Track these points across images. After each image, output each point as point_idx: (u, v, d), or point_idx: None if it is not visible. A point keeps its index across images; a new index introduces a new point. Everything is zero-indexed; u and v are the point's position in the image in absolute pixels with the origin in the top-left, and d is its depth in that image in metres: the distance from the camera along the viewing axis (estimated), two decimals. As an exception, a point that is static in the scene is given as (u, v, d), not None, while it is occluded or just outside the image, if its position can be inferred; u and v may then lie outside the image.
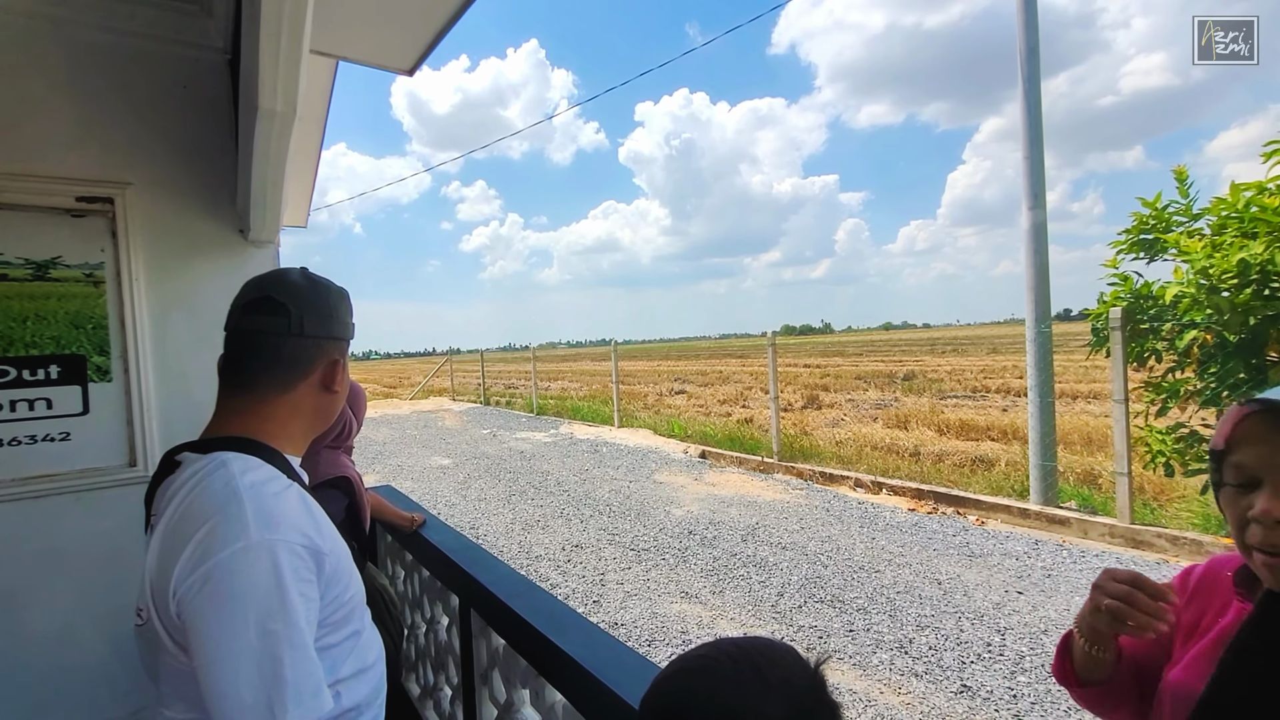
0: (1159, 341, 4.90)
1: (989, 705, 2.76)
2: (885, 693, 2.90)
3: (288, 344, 0.87)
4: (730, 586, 4.18)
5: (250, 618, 0.67)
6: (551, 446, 9.98)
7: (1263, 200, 4.29)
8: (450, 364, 22.09)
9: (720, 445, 8.78)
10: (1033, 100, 6.00)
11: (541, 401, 15.11)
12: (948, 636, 3.38)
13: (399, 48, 2.55)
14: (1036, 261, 6.02)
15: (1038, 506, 5.44)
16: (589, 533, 5.45)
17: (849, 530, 5.23)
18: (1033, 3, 5.98)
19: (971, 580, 4.13)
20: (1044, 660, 3.10)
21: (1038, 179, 6.01)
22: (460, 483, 7.64)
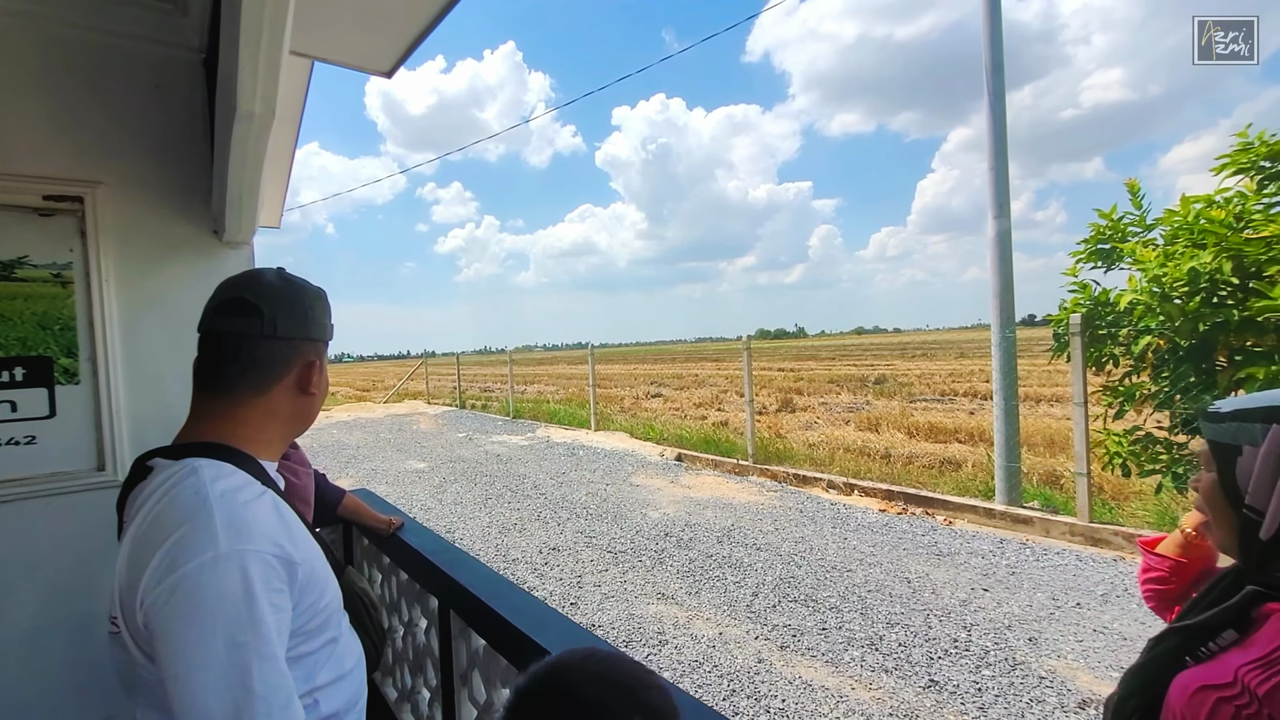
0: (1116, 347, 5.11)
1: (955, 699, 2.85)
2: (857, 689, 2.97)
3: (261, 346, 0.85)
4: (706, 587, 4.23)
5: (218, 629, 0.66)
6: (528, 450, 9.95)
7: (1211, 213, 4.51)
8: (425, 367, 21.80)
9: (696, 448, 8.85)
10: (998, 113, 6.20)
11: (518, 405, 15.04)
12: (916, 633, 3.48)
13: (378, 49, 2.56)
14: (1001, 269, 6.21)
15: (1002, 507, 5.61)
16: (566, 535, 5.46)
17: (822, 531, 5.32)
18: (998, 19, 6.19)
19: (939, 578, 4.24)
20: (1009, 656, 3.21)
21: (1003, 189, 6.20)
22: (436, 486, 7.57)
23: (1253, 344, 4.31)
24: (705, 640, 3.49)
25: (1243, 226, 4.33)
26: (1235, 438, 0.81)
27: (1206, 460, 0.88)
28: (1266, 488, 0.78)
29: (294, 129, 3.35)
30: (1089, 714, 2.71)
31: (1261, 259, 4.12)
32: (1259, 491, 0.78)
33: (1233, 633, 0.79)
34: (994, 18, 6.17)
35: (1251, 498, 0.79)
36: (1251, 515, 0.79)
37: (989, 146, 6.27)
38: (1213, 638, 0.80)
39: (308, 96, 3.09)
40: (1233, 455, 0.82)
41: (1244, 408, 0.82)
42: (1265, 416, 0.79)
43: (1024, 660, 3.15)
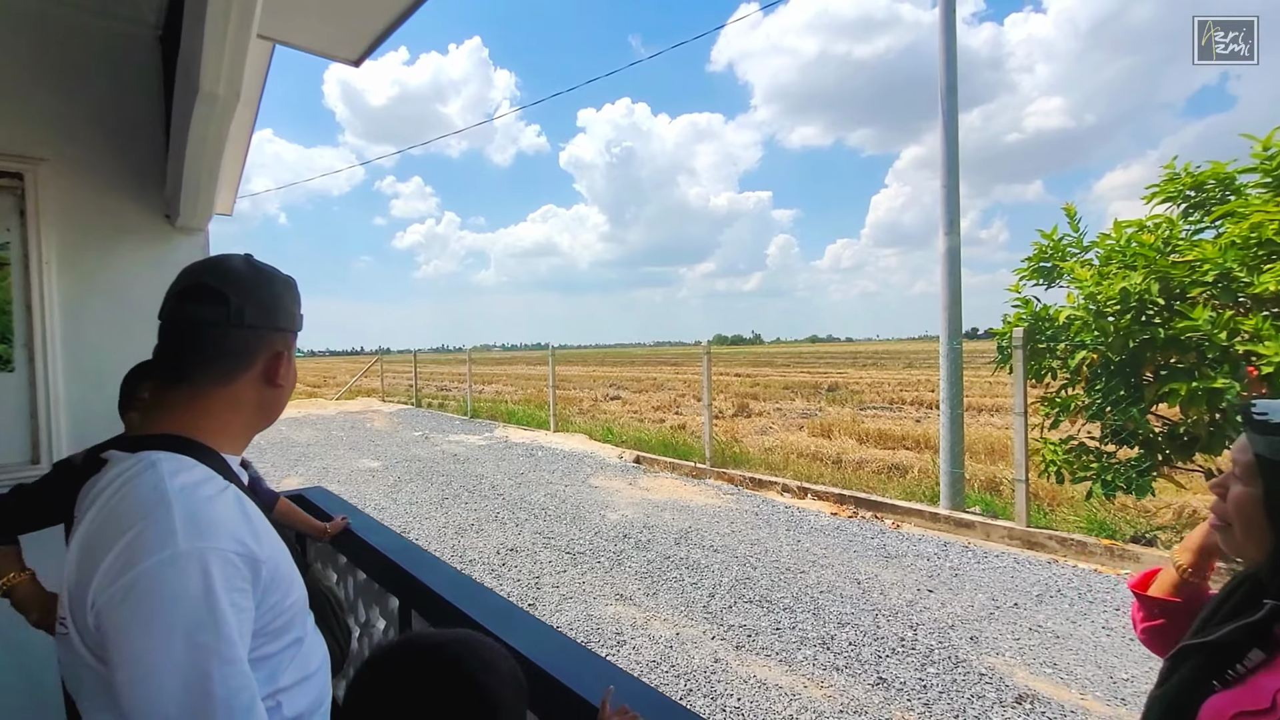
0: (1054, 360, 5.39)
1: (902, 695, 2.96)
2: (809, 687, 3.05)
3: (227, 335, 0.82)
4: (664, 588, 4.26)
5: (176, 631, 0.63)
6: (486, 450, 9.82)
7: (1141, 237, 4.81)
8: (381, 364, 21.22)
9: (654, 451, 8.90)
10: (951, 134, 6.47)
11: (476, 404, 14.81)
12: (866, 632, 3.59)
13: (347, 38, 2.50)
14: (950, 283, 6.47)
15: (947, 511, 5.84)
16: (524, 536, 5.42)
17: (776, 534, 5.44)
18: (953, 44, 6.46)
19: (888, 580, 4.39)
20: (951, 653, 3.35)
21: (953, 207, 6.47)
22: (390, 486, 7.40)
23: (1176, 361, 4.62)
24: (663, 640, 3.53)
25: (1169, 251, 4.64)
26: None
27: (1245, 474, 0.81)
28: None
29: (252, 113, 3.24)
30: (1025, 708, 2.85)
31: (1185, 281, 4.42)
32: None
33: (1259, 652, 0.76)
34: (949, 42, 6.45)
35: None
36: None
37: (942, 165, 6.54)
38: (1239, 658, 0.77)
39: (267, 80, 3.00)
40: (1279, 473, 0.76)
41: None
42: None
43: (965, 658, 3.30)
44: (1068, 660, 3.27)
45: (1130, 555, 4.68)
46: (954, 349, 6.35)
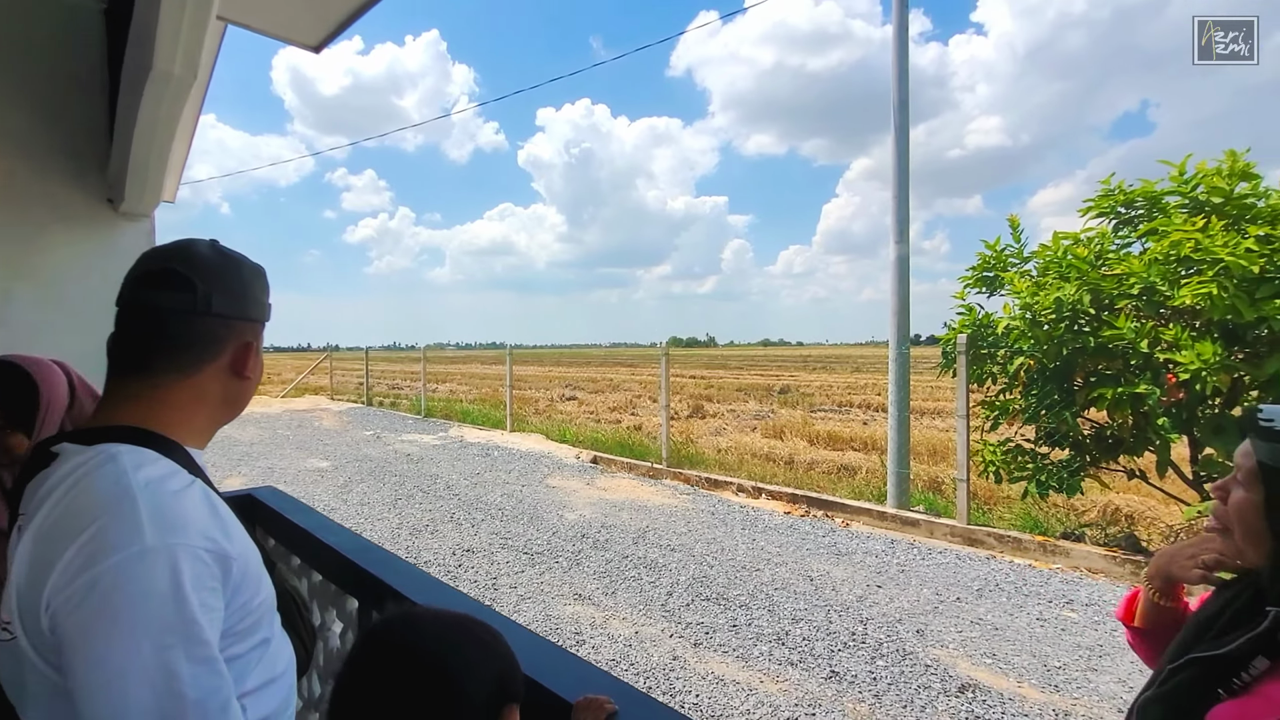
0: (994, 366, 5.67)
1: (854, 688, 3.07)
2: (765, 682, 3.12)
3: (194, 323, 0.78)
4: (622, 588, 4.28)
5: (143, 632, 0.60)
6: (440, 449, 9.62)
7: (1076, 250, 5.11)
8: (330, 361, 20.48)
9: (611, 451, 8.91)
10: (902, 147, 6.71)
11: (430, 404, 14.49)
12: (819, 628, 3.70)
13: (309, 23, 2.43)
14: (899, 290, 6.71)
15: (893, 510, 6.06)
16: (481, 537, 5.34)
17: (732, 533, 5.53)
18: (905, 61, 6.71)
19: (839, 576, 4.53)
20: (899, 646, 3.49)
21: (903, 217, 6.72)
22: (340, 486, 7.17)
23: (1104, 367, 4.93)
24: (622, 639, 3.54)
25: (1101, 264, 4.95)
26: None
27: (1247, 479, 0.80)
28: None
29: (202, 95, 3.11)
30: (967, 697, 3.00)
31: (1114, 293, 4.72)
32: None
33: (1264, 660, 0.75)
34: (901, 60, 6.69)
35: None
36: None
37: (893, 177, 6.78)
38: (1243, 666, 0.76)
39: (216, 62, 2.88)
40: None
41: None
42: None
43: (912, 650, 3.44)
44: (1006, 650, 3.45)
45: (1061, 551, 4.96)
46: (902, 354, 6.58)
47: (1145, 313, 4.67)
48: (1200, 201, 4.64)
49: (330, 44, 2.59)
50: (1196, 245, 4.24)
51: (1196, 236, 4.25)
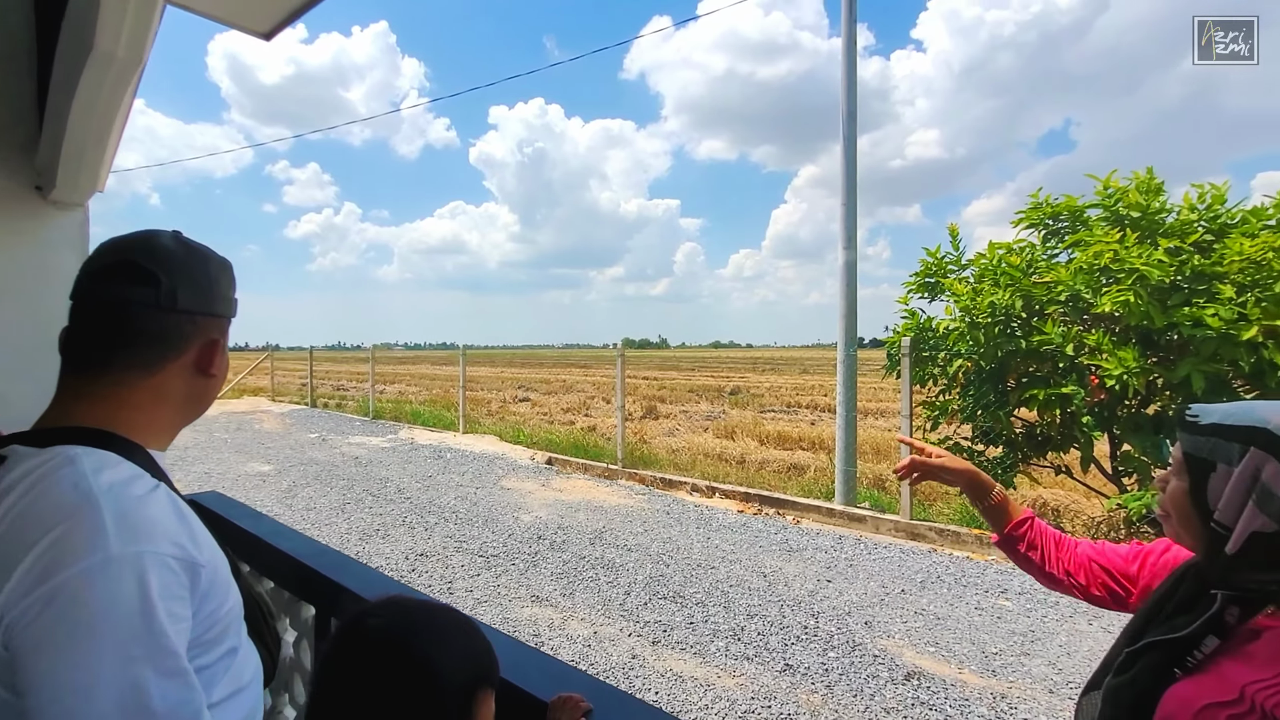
0: (935, 367, 5.95)
1: (807, 680, 3.17)
2: (722, 677, 3.19)
3: (156, 319, 0.75)
4: (580, 588, 4.28)
5: (108, 645, 0.57)
6: (390, 452, 9.37)
7: (1009, 259, 5.41)
8: (271, 361, 19.58)
9: (566, 452, 8.88)
10: (850, 156, 6.95)
11: (378, 405, 14.06)
12: (773, 622, 3.80)
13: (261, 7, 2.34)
14: (847, 294, 6.94)
15: (841, 506, 6.27)
16: (434, 540, 5.24)
17: (687, 532, 5.61)
18: (853, 74, 6.96)
19: (791, 572, 4.66)
20: (849, 638, 3.62)
21: (852, 224, 6.96)
22: (284, 491, 6.90)
23: (1034, 369, 5.24)
24: (580, 640, 3.55)
25: (1031, 272, 5.26)
26: (1211, 454, 0.83)
27: (1178, 468, 0.88)
28: (1236, 508, 0.80)
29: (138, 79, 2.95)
30: (913, 684, 3.14)
31: (1044, 300, 5.03)
32: (1228, 510, 0.80)
33: (1214, 639, 0.81)
34: (850, 72, 6.94)
35: (1221, 514, 0.81)
36: (1219, 530, 0.81)
37: (842, 185, 7.01)
38: (1196, 645, 0.82)
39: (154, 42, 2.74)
40: (1206, 470, 0.83)
41: (1223, 424, 0.83)
42: (1243, 438, 0.80)
43: (861, 641, 3.58)
44: (947, 639, 3.62)
45: (996, 543, 5.24)
46: (850, 356, 6.81)
47: (1071, 318, 4.99)
48: (1120, 215, 5.00)
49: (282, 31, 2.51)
50: (1115, 255, 4.56)
51: (1115, 248, 4.57)
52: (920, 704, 2.96)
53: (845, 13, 6.91)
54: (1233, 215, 4.83)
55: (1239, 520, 0.79)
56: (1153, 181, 5.07)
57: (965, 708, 2.94)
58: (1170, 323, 4.41)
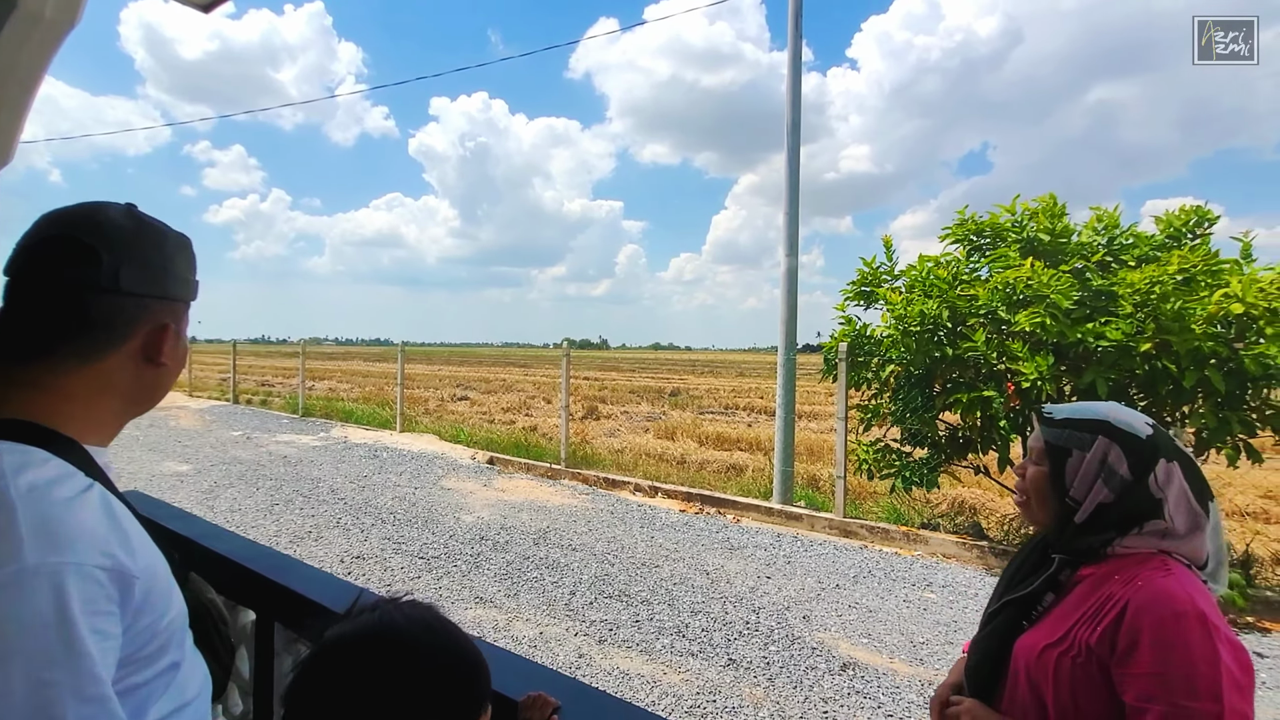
0: (868, 372, 6.23)
1: (750, 673, 3.27)
2: (669, 673, 3.25)
3: (98, 301, 0.69)
4: (524, 589, 4.25)
5: (18, 667, 0.52)
6: (322, 451, 8.97)
7: (937, 271, 5.74)
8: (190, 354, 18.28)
9: (508, 452, 8.77)
10: (793, 166, 7.19)
11: (309, 402, 13.40)
12: (716, 619, 3.90)
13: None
14: (788, 300, 7.17)
15: (779, 505, 6.47)
16: (371, 543, 5.07)
17: (631, 531, 5.65)
18: (798, 86, 7.20)
19: (732, 569, 4.78)
20: (788, 632, 3.76)
21: (794, 232, 7.19)
22: (205, 492, 6.49)
23: (958, 376, 5.59)
24: (526, 640, 3.53)
25: (957, 284, 5.61)
26: (1067, 443, 1.01)
27: (1038, 456, 1.06)
28: (1087, 485, 0.99)
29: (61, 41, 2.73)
30: (849, 674, 3.30)
31: (967, 311, 5.37)
32: (1081, 487, 0.99)
33: (1051, 595, 1.00)
34: (795, 86, 7.18)
35: (1075, 491, 1.00)
36: (1071, 504, 1.00)
37: (785, 194, 7.24)
38: (1038, 602, 1.01)
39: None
40: (1064, 456, 1.01)
41: (1074, 417, 1.03)
42: (1093, 429, 1.00)
43: (800, 635, 3.72)
44: (879, 631, 3.82)
45: (921, 539, 5.55)
46: (790, 359, 7.04)
47: (991, 330, 5.35)
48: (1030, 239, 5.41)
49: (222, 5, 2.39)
50: (1028, 282, 4.93)
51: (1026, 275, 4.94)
52: (856, 693, 3.12)
53: (791, 29, 7.14)
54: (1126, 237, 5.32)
55: (1088, 495, 0.99)
56: (1057, 206, 5.51)
57: (897, 695, 3.11)
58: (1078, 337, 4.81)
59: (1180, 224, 5.13)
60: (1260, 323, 4.43)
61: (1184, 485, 0.96)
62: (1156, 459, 0.96)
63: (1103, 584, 0.94)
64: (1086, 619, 0.91)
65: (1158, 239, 5.14)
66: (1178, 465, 0.97)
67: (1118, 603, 0.89)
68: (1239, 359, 4.40)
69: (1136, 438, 0.98)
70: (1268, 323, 4.41)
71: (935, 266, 5.86)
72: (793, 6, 7.08)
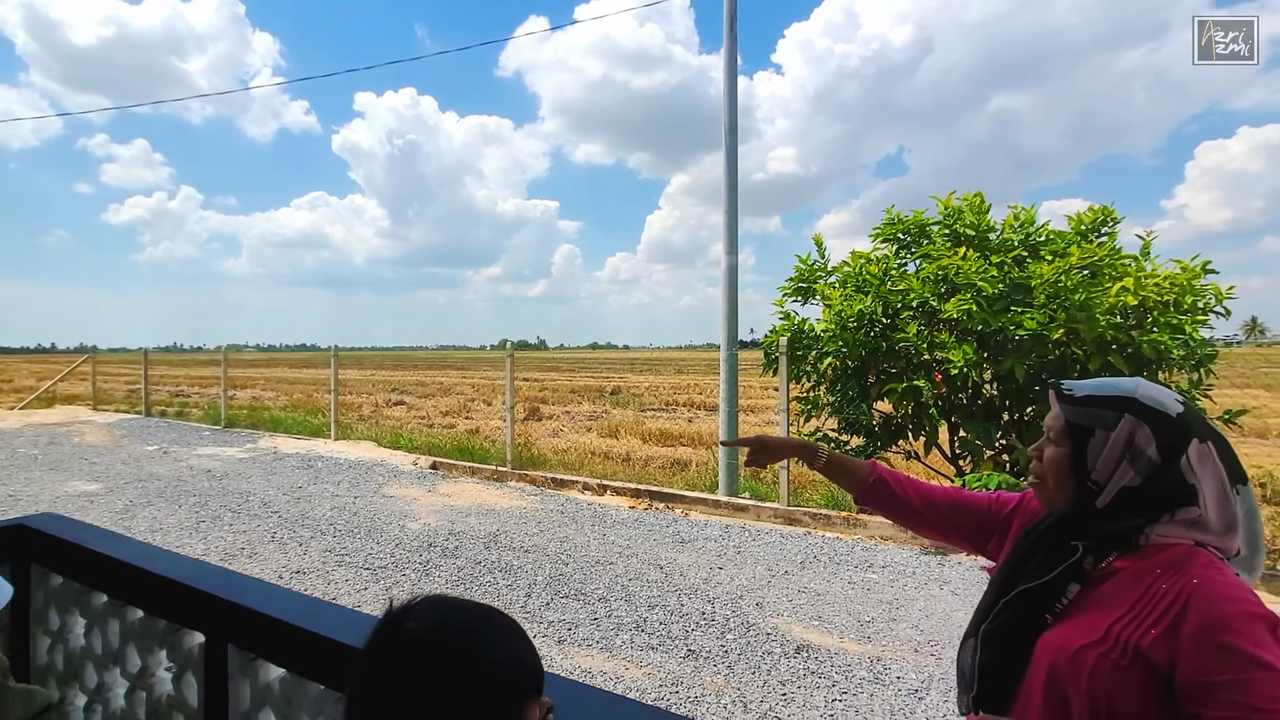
0: (807, 365, 6.46)
1: (709, 663, 3.35)
2: (630, 668, 3.28)
3: None
4: (479, 593, 4.18)
5: None
6: (250, 463, 8.46)
7: (869, 268, 6.02)
8: (93, 364, 16.73)
9: (450, 456, 8.56)
10: (732, 165, 7.35)
11: (232, 412, 12.59)
12: (673, 611, 3.95)
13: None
14: (729, 297, 7.33)
15: (725, 498, 6.61)
16: (311, 556, 4.84)
17: (583, 530, 5.64)
18: (734, 88, 7.36)
19: (685, 562, 4.86)
20: (743, 620, 3.86)
21: (733, 230, 7.36)
22: (120, 511, 6.01)
23: (890, 367, 5.88)
24: (483, 646, 3.46)
25: (888, 280, 5.90)
26: (1090, 421, 0.93)
27: (1058, 436, 0.97)
28: (1111, 467, 0.91)
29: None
30: (803, 656, 3.42)
31: (899, 305, 5.65)
32: (1104, 469, 0.91)
33: (1076, 585, 0.90)
34: (731, 88, 7.33)
35: (1098, 474, 0.92)
36: (1093, 487, 0.92)
37: (724, 193, 7.39)
38: (1061, 593, 0.91)
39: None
40: (1086, 436, 0.93)
41: (1097, 394, 0.94)
42: (1118, 406, 0.92)
43: (754, 622, 3.83)
44: (828, 612, 3.98)
45: (860, 523, 5.81)
46: (732, 355, 7.21)
47: (922, 321, 5.66)
48: (958, 233, 5.75)
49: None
50: (957, 270, 5.24)
51: (958, 263, 5.25)
52: (811, 673, 3.24)
53: (726, 31, 7.30)
54: (1040, 235, 5.75)
55: (1112, 477, 0.91)
56: (982, 204, 5.89)
57: (849, 672, 3.25)
58: (998, 326, 5.16)
59: (1089, 223, 5.59)
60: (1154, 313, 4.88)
61: (1219, 469, 0.89)
62: (1189, 439, 0.89)
63: (1144, 578, 0.85)
64: (1133, 619, 0.83)
65: (1069, 236, 5.57)
66: (1211, 446, 0.90)
67: (1173, 604, 0.80)
68: (1137, 345, 4.85)
69: (1167, 415, 0.90)
70: (1160, 313, 4.88)
71: (867, 263, 6.15)
72: (727, 9, 7.23)
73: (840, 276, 6.33)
